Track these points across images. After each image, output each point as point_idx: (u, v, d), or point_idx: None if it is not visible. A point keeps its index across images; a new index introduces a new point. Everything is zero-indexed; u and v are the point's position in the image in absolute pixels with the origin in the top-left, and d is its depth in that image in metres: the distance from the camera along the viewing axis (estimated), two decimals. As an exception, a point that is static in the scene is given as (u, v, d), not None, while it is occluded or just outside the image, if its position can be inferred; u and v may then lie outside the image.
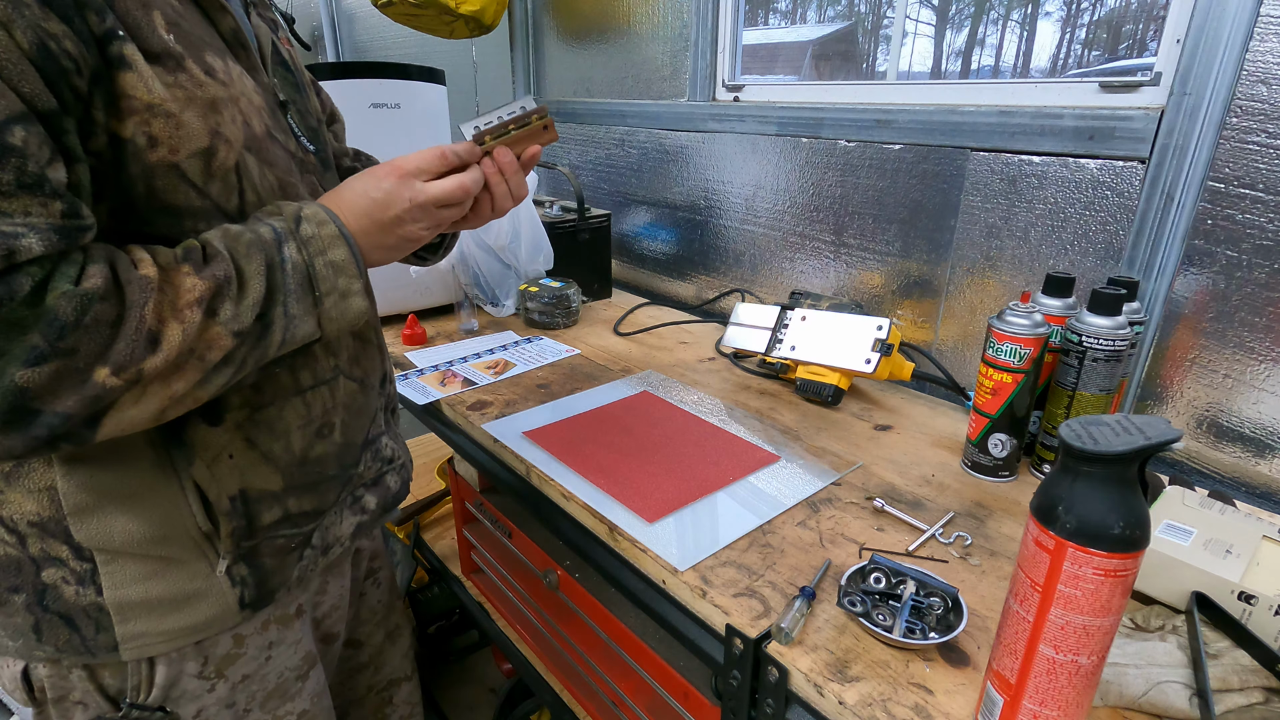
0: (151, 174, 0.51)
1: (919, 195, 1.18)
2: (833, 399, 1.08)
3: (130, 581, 0.60)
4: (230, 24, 0.59)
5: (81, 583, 0.59)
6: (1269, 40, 0.80)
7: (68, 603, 0.59)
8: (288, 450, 0.65)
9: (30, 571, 0.58)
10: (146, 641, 0.62)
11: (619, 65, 1.72)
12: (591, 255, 1.64)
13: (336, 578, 0.82)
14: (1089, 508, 0.44)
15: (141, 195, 0.52)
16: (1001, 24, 7.23)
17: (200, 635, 0.64)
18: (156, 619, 0.61)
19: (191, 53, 0.53)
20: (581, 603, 0.96)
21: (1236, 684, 0.55)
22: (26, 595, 0.58)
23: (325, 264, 0.58)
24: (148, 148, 0.50)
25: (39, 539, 0.58)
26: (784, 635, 0.61)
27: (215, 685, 0.68)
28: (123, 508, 0.58)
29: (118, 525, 0.58)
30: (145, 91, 0.49)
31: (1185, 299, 0.92)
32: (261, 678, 0.71)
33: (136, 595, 0.60)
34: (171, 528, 0.60)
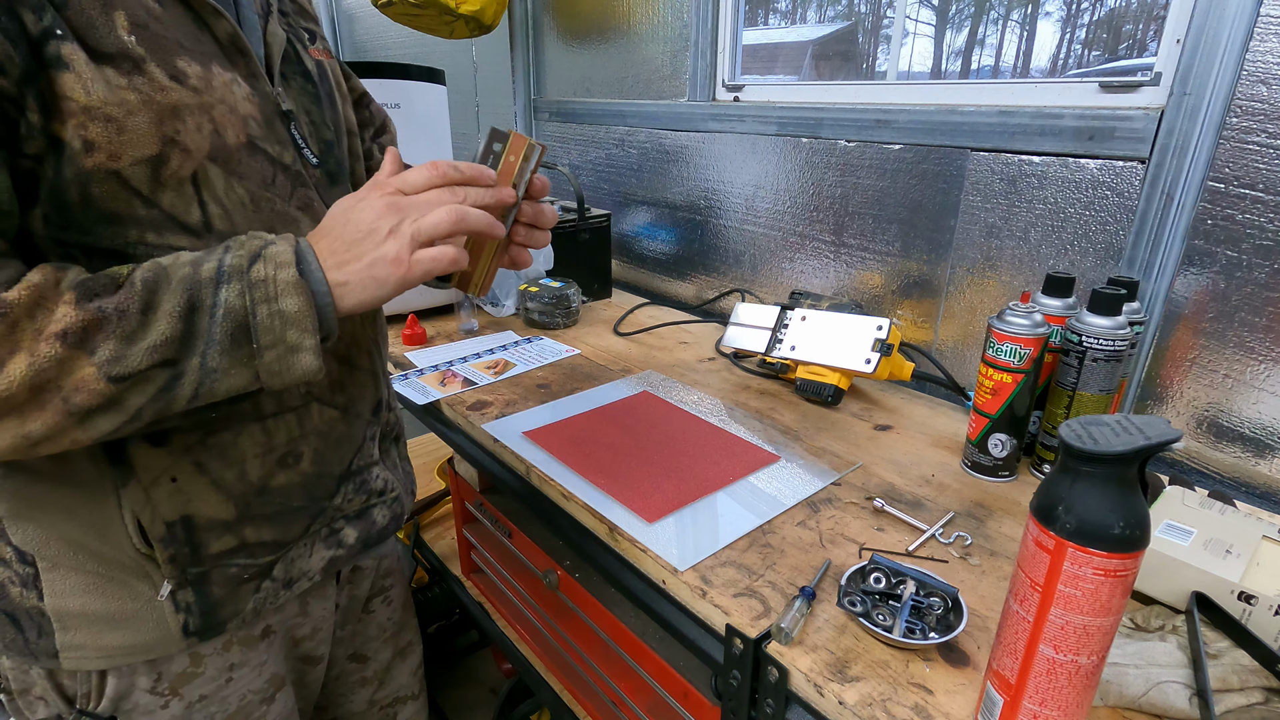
0: (88, 179, 0.48)
1: (919, 195, 1.18)
2: (833, 399, 1.08)
3: (70, 592, 0.58)
4: (226, 29, 0.57)
5: (25, 585, 0.58)
6: (1269, 40, 0.80)
7: (13, 602, 0.58)
8: (242, 478, 0.61)
9: None
10: (85, 654, 0.60)
11: (619, 65, 1.72)
12: (591, 255, 1.64)
13: (318, 600, 0.78)
14: (1089, 508, 0.44)
15: (76, 201, 0.49)
16: (1001, 24, 7.23)
17: (139, 656, 0.62)
18: (95, 633, 0.60)
19: (157, 56, 0.51)
20: (581, 603, 0.96)
21: (1236, 684, 0.55)
22: None
23: (271, 313, 0.51)
24: (83, 152, 0.48)
25: None
26: (784, 635, 0.61)
27: (169, 703, 0.66)
28: (60, 518, 0.56)
29: (55, 535, 0.56)
30: (83, 94, 0.47)
31: (1185, 299, 0.92)
32: (221, 699, 0.69)
33: (76, 606, 0.59)
34: (109, 546, 0.58)
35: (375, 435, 0.76)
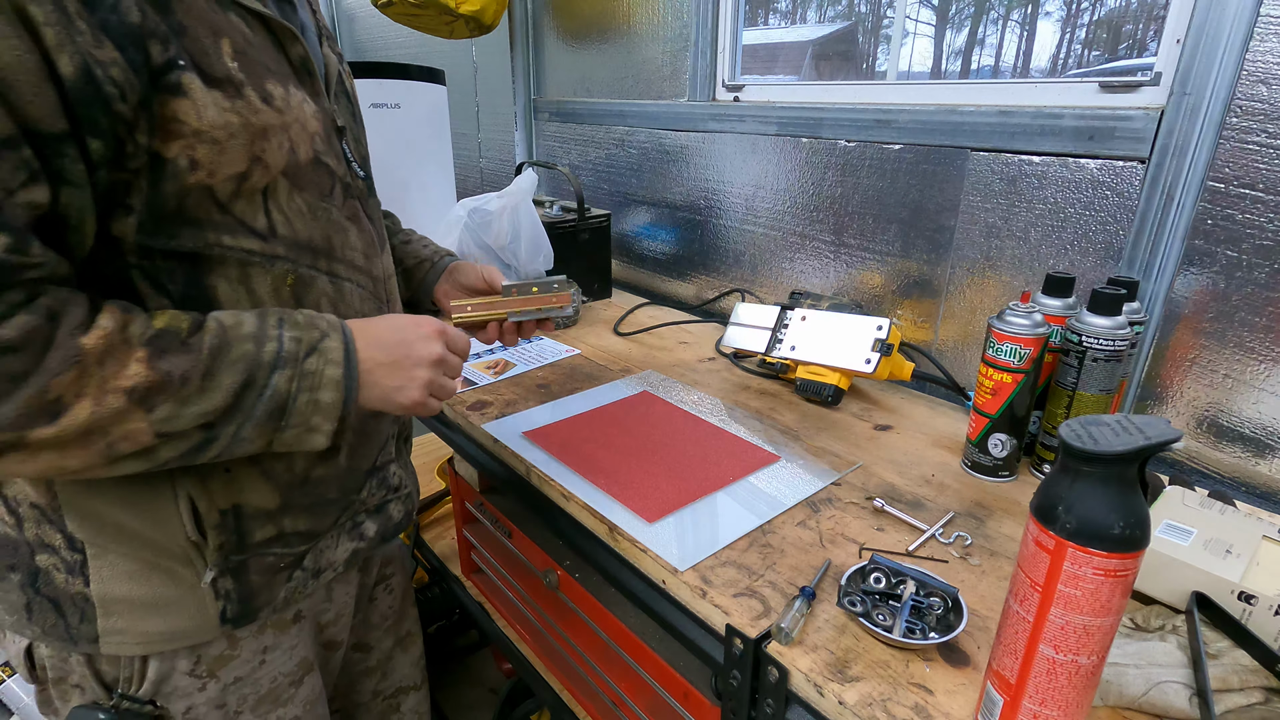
0: (186, 193, 0.52)
1: (919, 195, 1.18)
2: (833, 399, 1.08)
3: (116, 578, 0.60)
4: (300, 52, 0.61)
5: (71, 571, 0.60)
6: (1269, 40, 0.80)
7: (57, 588, 0.60)
8: (289, 470, 0.65)
9: (25, 553, 0.60)
10: (125, 639, 0.62)
11: (619, 65, 1.72)
12: (591, 255, 1.64)
13: (342, 585, 0.81)
14: (1089, 508, 0.44)
15: (172, 211, 0.53)
16: (1001, 24, 7.23)
17: (177, 643, 0.64)
18: (137, 619, 0.62)
19: (252, 80, 0.55)
20: (581, 603, 0.96)
21: (1236, 684, 0.55)
22: (21, 575, 0.60)
23: (308, 401, 0.57)
24: (189, 170, 0.51)
25: (35, 524, 0.59)
26: (784, 635, 0.61)
27: (206, 685, 0.68)
28: (115, 506, 0.58)
29: (109, 522, 0.59)
30: (196, 119, 0.50)
31: (1185, 299, 0.92)
32: (254, 681, 0.71)
33: (121, 592, 0.61)
34: (160, 533, 0.60)
35: (394, 434, 0.80)
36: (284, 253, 0.60)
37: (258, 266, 0.58)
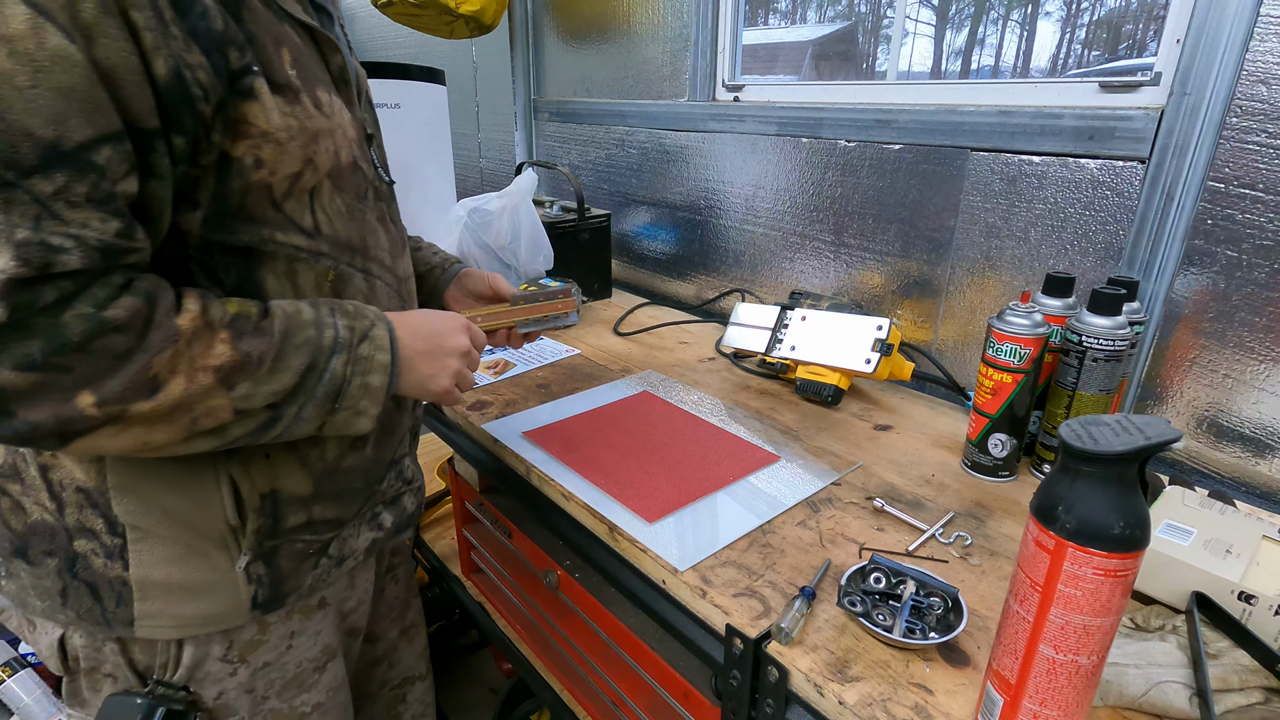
0: (248, 190, 0.56)
1: (919, 195, 1.18)
2: (833, 399, 1.08)
3: (155, 562, 0.62)
4: (339, 62, 0.65)
5: (110, 556, 0.61)
6: (1269, 40, 0.80)
7: (95, 573, 0.61)
8: (322, 458, 0.67)
9: (63, 539, 0.61)
10: (159, 623, 0.63)
11: (619, 65, 1.72)
12: (591, 255, 1.64)
13: (363, 573, 0.82)
14: (1089, 508, 0.43)
15: (235, 207, 0.56)
16: (1001, 24, 7.23)
17: (209, 627, 0.66)
18: (173, 602, 0.63)
19: (307, 87, 0.59)
20: (581, 603, 0.96)
21: (1236, 684, 0.55)
22: (58, 560, 0.61)
23: (360, 385, 0.61)
24: (253, 168, 0.55)
25: (77, 509, 0.60)
26: (784, 635, 0.61)
27: (237, 670, 0.70)
28: (161, 489, 0.60)
29: (154, 505, 0.60)
30: (264, 121, 0.55)
31: (1185, 299, 0.92)
32: (281, 666, 0.73)
33: (159, 576, 0.62)
34: (202, 516, 0.62)
35: (410, 428, 0.83)
36: (327, 250, 0.64)
37: (304, 262, 0.62)
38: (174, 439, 0.53)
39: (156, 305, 0.50)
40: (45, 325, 0.45)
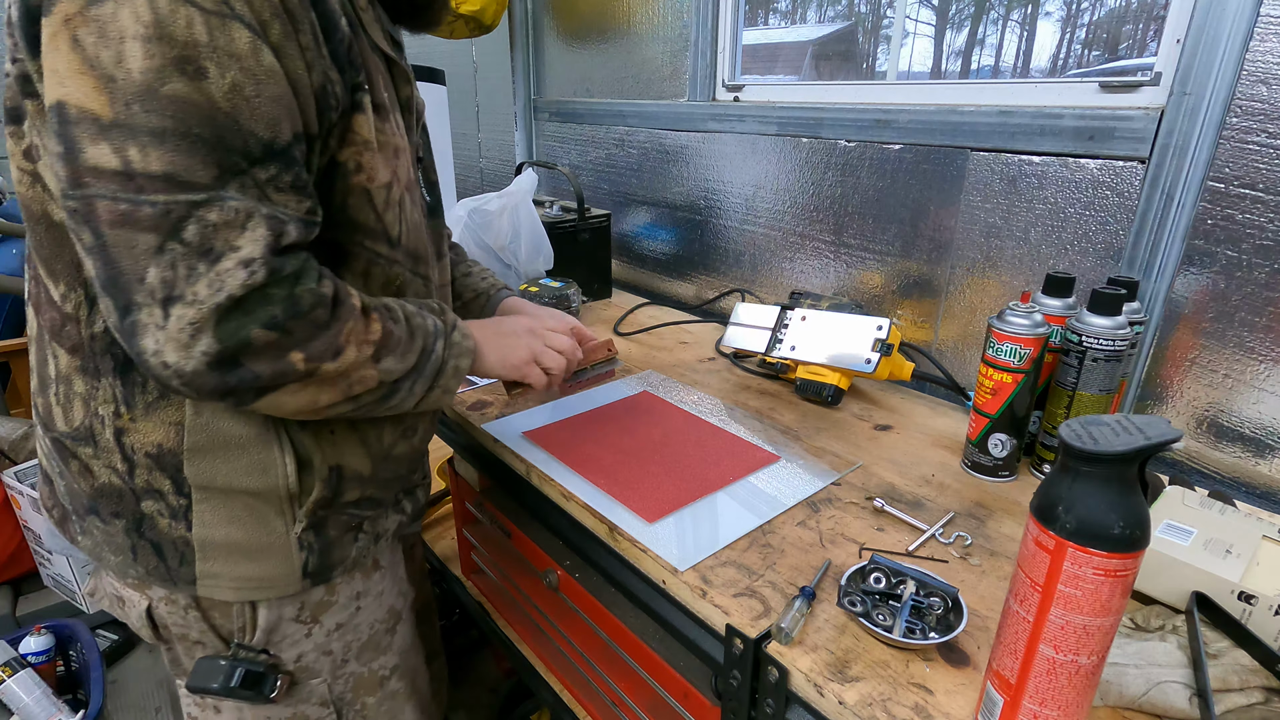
0: (349, 192, 0.63)
1: (919, 195, 1.18)
2: (833, 399, 1.08)
3: (217, 523, 0.66)
4: (408, 92, 0.73)
5: (174, 517, 0.65)
6: (1269, 40, 0.80)
7: (160, 533, 0.66)
8: (379, 441, 0.73)
9: (130, 500, 0.65)
10: (219, 583, 0.67)
11: (619, 65, 1.72)
12: (591, 255, 1.64)
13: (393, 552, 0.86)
14: (1089, 508, 0.43)
15: (337, 207, 0.63)
16: (1001, 24, 7.23)
17: (264, 592, 0.69)
18: (231, 563, 0.67)
19: (390, 108, 0.67)
20: (581, 603, 0.96)
21: (1236, 684, 0.55)
22: (125, 521, 0.66)
23: (453, 367, 0.70)
24: (354, 172, 0.62)
25: (147, 471, 0.64)
26: (784, 635, 0.61)
27: (312, 630, 0.74)
28: (231, 454, 0.64)
29: (222, 468, 0.64)
30: (368, 131, 0.62)
31: (1185, 299, 0.92)
32: (355, 628, 0.78)
33: (220, 536, 0.66)
34: (265, 481, 0.66)
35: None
36: (401, 259, 0.70)
37: (380, 266, 0.68)
38: (334, 400, 0.61)
39: (339, 287, 0.59)
40: (284, 294, 0.54)
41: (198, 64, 0.50)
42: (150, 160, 0.49)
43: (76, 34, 0.48)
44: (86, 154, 0.49)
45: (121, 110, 0.49)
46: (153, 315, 0.51)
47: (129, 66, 0.48)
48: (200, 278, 0.50)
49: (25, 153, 0.58)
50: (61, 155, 0.50)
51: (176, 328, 0.51)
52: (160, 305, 0.50)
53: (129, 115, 0.49)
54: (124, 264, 0.50)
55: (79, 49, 0.48)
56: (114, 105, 0.48)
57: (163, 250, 0.50)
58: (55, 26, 0.49)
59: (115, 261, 0.50)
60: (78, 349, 0.62)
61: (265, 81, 0.53)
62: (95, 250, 0.51)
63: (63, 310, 0.61)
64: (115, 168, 0.49)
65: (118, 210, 0.49)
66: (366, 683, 0.81)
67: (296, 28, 0.54)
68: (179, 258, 0.50)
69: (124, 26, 0.48)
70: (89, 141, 0.49)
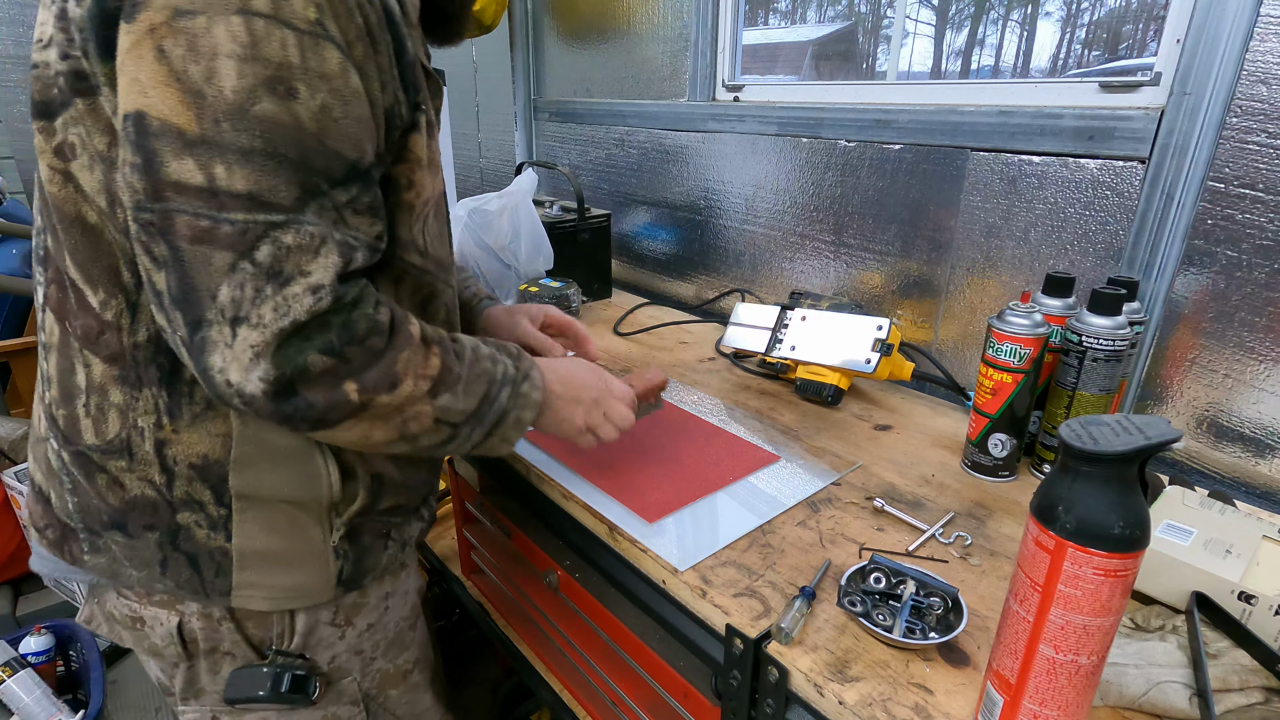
0: (397, 208, 0.63)
1: (919, 195, 1.18)
2: (833, 399, 1.08)
3: (257, 533, 0.65)
4: (439, 105, 0.73)
5: (214, 527, 0.64)
6: (1269, 40, 0.80)
7: (196, 544, 0.64)
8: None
9: (166, 513, 0.63)
10: (254, 593, 0.67)
11: (619, 65, 1.72)
12: (591, 255, 1.64)
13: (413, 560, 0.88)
14: (1089, 508, 0.43)
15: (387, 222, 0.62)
16: (1001, 24, 7.23)
17: (299, 601, 0.69)
18: (268, 573, 0.66)
19: (435, 125, 0.68)
20: (581, 603, 0.96)
21: (1236, 684, 0.55)
22: (159, 534, 0.64)
23: (515, 418, 0.69)
24: (405, 188, 0.63)
25: (188, 482, 0.62)
26: (784, 635, 0.61)
27: (345, 633, 0.74)
28: (277, 464, 0.64)
29: (268, 479, 0.64)
30: (422, 150, 0.63)
31: (1185, 299, 0.92)
32: (383, 626, 0.78)
33: (259, 545, 0.65)
34: (310, 491, 0.66)
35: None
36: (431, 269, 0.70)
37: (411, 276, 0.68)
38: (388, 437, 0.59)
39: (396, 314, 0.58)
40: (341, 320, 0.53)
41: (289, 85, 0.50)
42: (235, 179, 0.49)
43: (162, 45, 0.48)
44: (169, 168, 0.48)
45: (210, 127, 0.48)
46: (222, 333, 0.50)
47: (220, 84, 0.48)
48: (267, 300, 0.50)
49: (57, 150, 0.56)
50: (139, 167, 0.49)
51: (240, 349, 0.50)
52: (229, 324, 0.50)
53: (217, 132, 0.48)
54: (199, 280, 0.50)
55: (165, 60, 0.48)
56: (201, 121, 0.48)
57: (235, 269, 0.50)
58: (139, 35, 0.48)
59: (190, 277, 0.50)
60: (117, 358, 0.60)
61: (351, 102, 0.53)
62: (169, 264, 0.50)
63: (101, 318, 0.59)
64: (199, 184, 0.49)
65: (198, 226, 0.49)
66: (391, 678, 0.82)
67: (376, 49, 0.55)
68: (248, 278, 0.50)
69: (217, 43, 0.48)
70: (172, 156, 0.48)
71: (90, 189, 0.56)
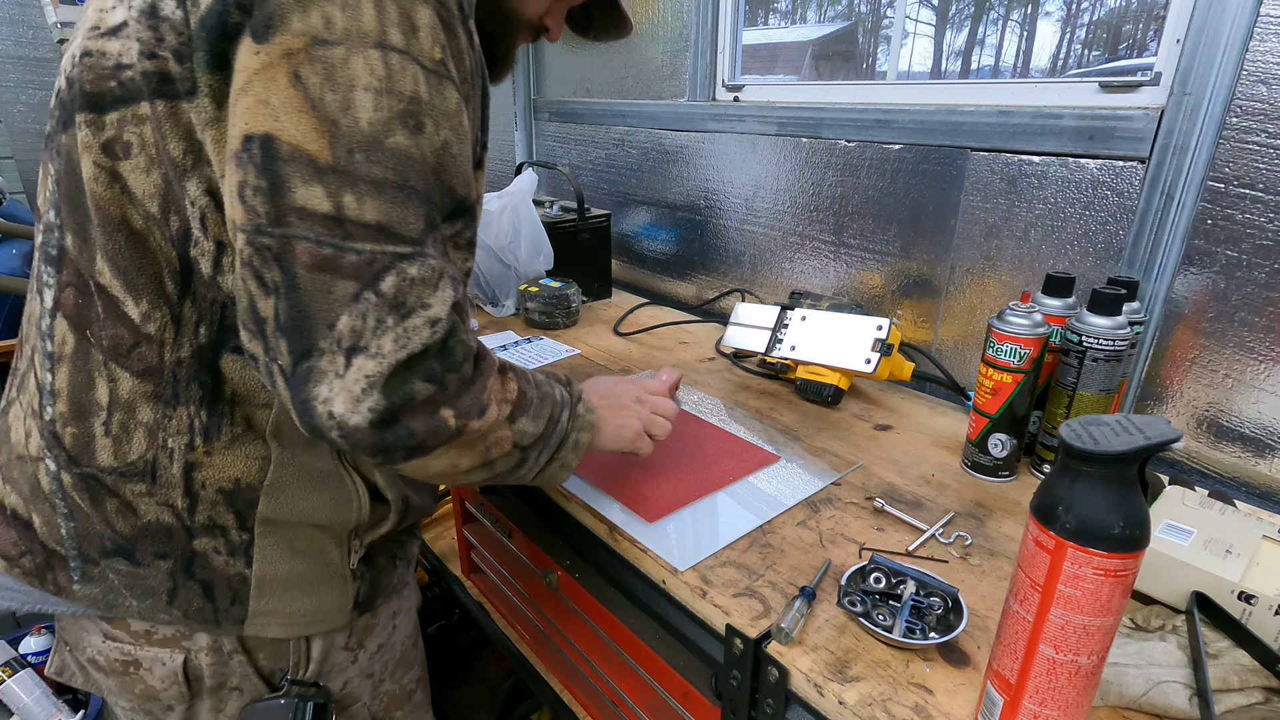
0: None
1: (919, 195, 1.18)
2: (833, 399, 1.08)
3: (278, 557, 0.63)
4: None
5: (233, 553, 0.62)
6: (1269, 40, 0.80)
7: (213, 571, 0.62)
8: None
9: (182, 539, 0.60)
10: (271, 620, 0.64)
11: (619, 65, 1.72)
12: (591, 255, 1.64)
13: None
14: (1089, 508, 0.43)
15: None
16: (1001, 24, 7.23)
17: (316, 626, 0.67)
18: (287, 599, 0.64)
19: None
20: (581, 603, 0.96)
21: (1236, 684, 0.55)
22: (173, 561, 0.61)
23: (575, 440, 0.69)
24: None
25: (211, 506, 0.60)
26: (784, 635, 0.61)
27: (357, 656, 0.73)
28: (312, 488, 0.63)
29: (300, 503, 0.63)
30: (481, 185, 0.64)
31: (1185, 299, 0.92)
32: (391, 647, 0.78)
33: (280, 571, 0.63)
34: (338, 515, 0.65)
35: None
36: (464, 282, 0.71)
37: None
38: (473, 463, 0.59)
39: (479, 342, 0.58)
40: (441, 347, 0.52)
41: (419, 119, 0.51)
42: (365, 209, 0.49)
43: (299, 71, 0.48)
44: (296, 194, 0.48)
45: (343, 157, 0.48)
46: (334, 363, 0.49)
47: (357, 115, 0.49)
48: (388, 331, 0.49)
49: (105, 146, 0.53)
50: (264, 190, 0.48)
51: (353, 379, 0.49)
52: (345, 354, 0.49)
53: (350, 163, 0.48)
54: (314, 308, 0.49)
55: (300, 86, 0.48)
56: (335, 150, 0.48)
57: (358, 299, 0.49)
58: (273, 57, 0.48)
59: (305, 305, 0.49)
60: (152, 373, 0.57)
61: (464, 140, 0.55)
62: (282, 290, 0.49)
63: (140, 330, 0.56)
64: (326, 212, 0.48)
65: (320, 254, 0.48)
66: (398, 699, 0.82)
67: (474, 90, 0.57)
68: (371, 308, 0.49)
69: (355, 75, 0.48)
70: (300, 182, 0.48)
71: (140, 192, 0.54)
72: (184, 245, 0.54)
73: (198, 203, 0.53)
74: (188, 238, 0.54)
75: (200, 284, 0.55)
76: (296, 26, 0.47)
